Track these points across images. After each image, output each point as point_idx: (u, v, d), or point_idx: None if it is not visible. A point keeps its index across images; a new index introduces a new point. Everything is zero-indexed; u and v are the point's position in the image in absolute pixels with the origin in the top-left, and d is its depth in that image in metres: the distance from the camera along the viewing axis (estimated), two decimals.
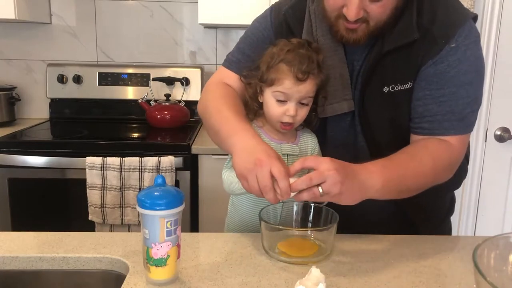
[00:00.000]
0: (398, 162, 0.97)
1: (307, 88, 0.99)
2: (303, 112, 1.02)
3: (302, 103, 1.01)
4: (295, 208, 1.05)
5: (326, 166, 0.85)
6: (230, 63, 1.17)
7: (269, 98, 1.02)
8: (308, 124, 1.09)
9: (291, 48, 1.00)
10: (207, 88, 1.16)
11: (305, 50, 0.99)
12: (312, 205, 1.03)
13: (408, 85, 1.03)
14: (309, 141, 1.10)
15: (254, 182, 0.87)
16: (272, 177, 0.85)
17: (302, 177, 0.86)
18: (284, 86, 0.99)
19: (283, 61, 0.99)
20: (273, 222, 1.01)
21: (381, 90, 1.03)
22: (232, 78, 1.14)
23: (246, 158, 0.89)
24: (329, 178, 0.84)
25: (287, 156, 1.06)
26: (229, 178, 1.01)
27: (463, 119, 1.02)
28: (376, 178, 0.91)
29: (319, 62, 1.00)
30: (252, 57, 1.11)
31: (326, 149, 1.11)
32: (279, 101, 1.01)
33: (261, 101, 1.05)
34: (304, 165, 0.88)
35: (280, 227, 1.00)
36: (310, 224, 1.03)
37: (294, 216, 1.05)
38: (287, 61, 0.98)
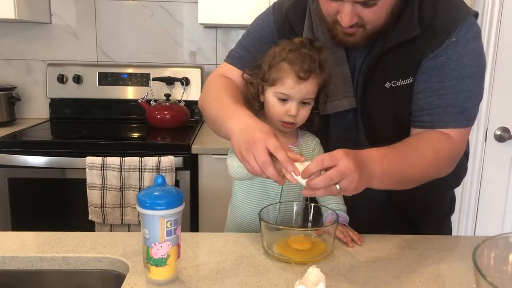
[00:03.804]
0: (400, 152, 0.97)
1: (308, 87, 0.99)
2: (305, 112, 1.02)
3: (303, 103, 1.01)
4: (295, 208, 1.05)
5: (345, 164, 0.83)
6: (232, 58, 1.17)
7: (270, 97, 1.02)
8: (309, 124, 1.08)
9: (293, 48, 1.00)
10: (207, 82, 1.16)
11: (307, 49, 0.99)
12: (312, 205, 1.03)
13: (409, 80, 1.03)
14: (309, 143, 1.09)
15: (253, 162, 0.86)
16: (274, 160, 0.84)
17: (322, 176, 0.83)
18: (285, 85, 0.99)
19: (285, 60, 0.99)
20: (273, 222, 1.01)
21: (383, 86, 1.04)
22: (234, 73, 1.14)
23: (242, 139, 0.88)
24: (348, 176, 0.83)
25: None
26: (233, 162, 0.99)
27: (463, 112, 1.02)
28: (378, 167, 0.90)
29: (321, 62, 1.00)
30: (255, 53, 1.12)
31: (328, 147, 1.10)
32: (280, 100, 1.00)
33: (262, 100, 1.05)
34: (323, 166, 0.84)
35: (280, 227, 1.00)
36: (310, 224, 1.03)
37: (294, 216, 1.05)
38: (289, 60, 0.98)
